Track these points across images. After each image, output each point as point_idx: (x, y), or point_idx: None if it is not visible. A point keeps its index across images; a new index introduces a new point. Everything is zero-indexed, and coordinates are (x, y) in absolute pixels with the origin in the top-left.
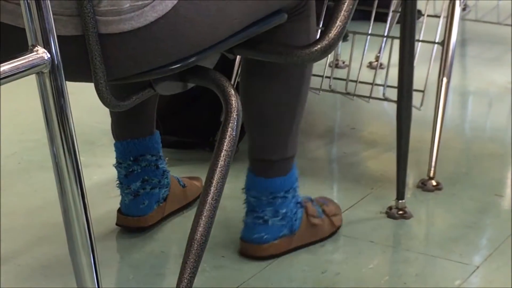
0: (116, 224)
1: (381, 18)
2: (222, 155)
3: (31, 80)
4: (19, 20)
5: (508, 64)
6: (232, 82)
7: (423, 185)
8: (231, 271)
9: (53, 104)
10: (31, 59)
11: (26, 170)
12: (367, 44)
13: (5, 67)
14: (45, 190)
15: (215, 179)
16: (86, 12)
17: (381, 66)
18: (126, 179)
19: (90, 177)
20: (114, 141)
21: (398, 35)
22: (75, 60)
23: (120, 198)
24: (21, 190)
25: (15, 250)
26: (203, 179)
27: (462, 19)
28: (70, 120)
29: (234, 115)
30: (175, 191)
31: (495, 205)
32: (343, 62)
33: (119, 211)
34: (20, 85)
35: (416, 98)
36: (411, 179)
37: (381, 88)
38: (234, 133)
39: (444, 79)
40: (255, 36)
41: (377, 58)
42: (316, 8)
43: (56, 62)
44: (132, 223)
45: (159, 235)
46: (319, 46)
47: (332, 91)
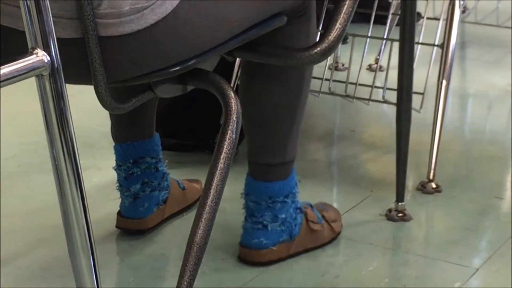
0: (116, 226)
1: (380, 20)
2: (221, 157)
3: (31, 83)
4: (19, 23)
5: (507, 67)
6: (231, 85)
7: (422, 187)
8: (231, 274)
9: (52, 107)
10: (31, 61)
11: (26, 172)
12: (366, 46)
13: (5, 69)
14: (45, 193)
15: (214, 182)
16: (86, 14)
17: (380, 69)
18: (126, 181)
19: (89, 179)
20: (113, 143)
21: (397, 37)
22: (75, 63)
23: (120, 201)
24: (21, 192)
25: (15, 252)
26: (203, 182)
27: (462, 21)
28: (69, 123)
29: (234, 117)
30: (175, 194)
31: (495, 207)
32: (343, 65)
33: (119, 213)
34: (20, 87)
35: (415, 100)
36: (410, 182)
37: (380, 90)
38: (233, 135)
39: (444, 82)
40: (255, 39)
41: (376, 61)
42: (315, 10)
43: (56, 64)
44: (132, 225)
45: (159, 238)
46: (318, 48)
47: (332, 93)
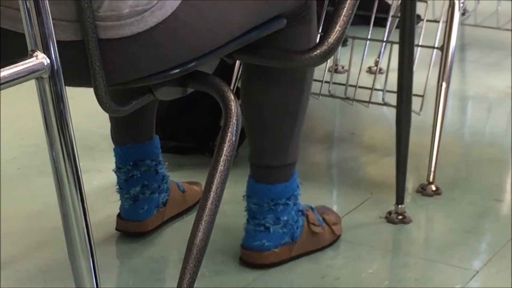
0: (116, 229)
1: (380, 23)
2: (221, 160)
3: (31, 85)
4: (18, 25)
5: (507, 69)
6: (231, 87)
7: (422, 190)
8: (231, 276)
9: (52, 109)
10: (30, 64)
11: (26, 175)
12: (366, 49)
13: (4, 72)
14: (45, 195)
15: (214, 184)
16: (85, 17)
17: (380, 71)
18: (125, 184)
19: (89, 182)
20: (113, 146)
21: (397, 40)
22: (75, 65)
23: (119, 203)
24: (21, 195)
25: (15, 254)
26: (203, 184)
27: (462, 24)
28: (69, 125)
29: (234, 120)
30: (175, 196)
31: (495, 210)
32: (343, 67)
33: (119, 216)
34: (20, 90)
35: (415, 103)
36: (410, 184)
37: (380, 93)
38: (233, 138)
39: (444, 84)
40: (255, 41)
41: (376, 63)
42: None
43: (55, 67)
44: (132, 228)
45: (159, 240)
46: (318, 51)
47: (332, 96)
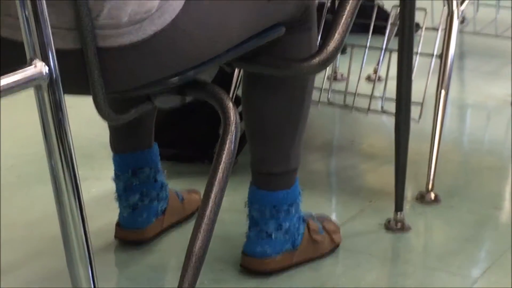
0: (115, 237)
1: (379, 31)
2: (220, 168)
3: (30, 93)
4: (18, 34)
5: (506, 77)
6: (230, 96)
7: (421, 197)
8: (230, 285)
9: (51, 118)
10: (29, 72)
11: (25, 182)
12: (365, 57)
13: (3, 80)
14: (44, 203)
15: (213, 192)
16: (84, 25)
17: (379, 79)
18: (124, 192)
19: (88, 190)
20: (112, 154)
21: (396, 48)
22: (74, 74)
23: (118, 211)
24: (20, 203)
25: (14, 263)
26: (202, 192)
27: (460, 32)
28: (68, 134)
29: (232, 128)
30: (174, 204)
31: (494, 218)
32: (342, 75)
33: (118, 224)
34: (20, 98)
35: (414, 111)
36: (409, 192)
37: (379, 101)
38: (232, 146)
39: (442, 92)
40: (254, 49)
41: (375, 71)
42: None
43: (54, 75)
44: (131, 236)
45: (158, 248)
46: (317, 59)
47: (331, 104)
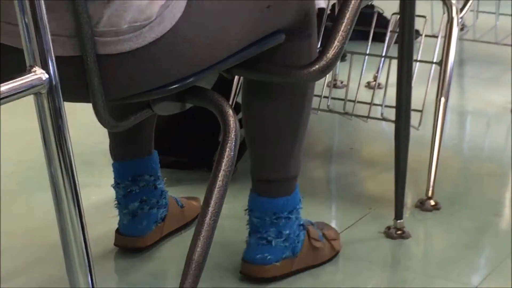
0: (114, 244)
1: (379, 38)
2: (220, 175)
3: (30, 100)
4: (18, 41)
5: (506, 84)
6: (230, 103)
7: (421, 204)
8: None
9: (51, 125)
10: (29, 79)
11: (25, 190)
12: (365, 64)
13: (3, 87)
14: (44, 210)
15: (213, 199)
16: (84, 32)
17: (379, 86)
18: (124, 199)
19: (88, 197)
20: (112, 161)
21: (396, 55)
22: (73, 81)
23: (118, 219)
24: (20, 210)
25: (14, 270)
26: (202, 199)
27: (460, 39)
28: (68, 141)
29: (232, 135)
30: (173, 211)
31: (494, 225)
32: (341, 82)
33: (117, 231)
34: (20, 104)
35: (414, 118)
36: (409, 199)
37: (379, 108)
38: (232, 153)
39: (442, 99)
40: (254, 56)
41: (375, 78)
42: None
43: (54, 82)
44: (130, 243)
45: (157, 256)
46: (317, 66)
47: (330, 111)
